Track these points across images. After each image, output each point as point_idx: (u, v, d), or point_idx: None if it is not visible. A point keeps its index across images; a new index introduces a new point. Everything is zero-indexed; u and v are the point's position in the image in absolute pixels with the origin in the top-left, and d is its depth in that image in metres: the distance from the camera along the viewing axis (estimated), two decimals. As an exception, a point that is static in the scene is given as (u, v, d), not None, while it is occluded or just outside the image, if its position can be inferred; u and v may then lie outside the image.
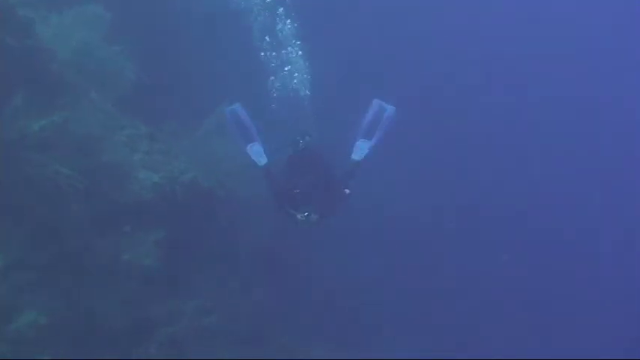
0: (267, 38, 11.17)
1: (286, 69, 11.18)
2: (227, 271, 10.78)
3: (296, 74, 11.33)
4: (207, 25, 12.47)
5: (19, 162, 7.92)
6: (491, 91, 17.08)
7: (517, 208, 17.19)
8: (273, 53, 11.20)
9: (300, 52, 11.42)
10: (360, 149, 9.73)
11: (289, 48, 11.35)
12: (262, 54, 11.27)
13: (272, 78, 11.17)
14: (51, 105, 8.35)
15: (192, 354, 9.22)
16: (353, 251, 13.83)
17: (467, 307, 15.02)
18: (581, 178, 18.05)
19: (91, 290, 8.47)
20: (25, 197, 7.98)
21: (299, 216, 9.11)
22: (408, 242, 14.97)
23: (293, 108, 11.80)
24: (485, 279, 15.61)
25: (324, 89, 11.31)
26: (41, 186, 8.02)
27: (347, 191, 9.68)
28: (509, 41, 17.15)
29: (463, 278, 15.28)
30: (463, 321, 14.79)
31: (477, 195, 16.31)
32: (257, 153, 9.37)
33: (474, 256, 15.70)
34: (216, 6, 12.59)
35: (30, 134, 8.10)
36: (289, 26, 11.29)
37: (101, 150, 8.85)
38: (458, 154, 16.57)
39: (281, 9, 11.23)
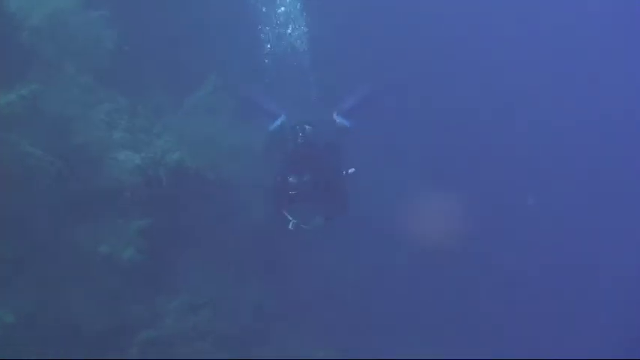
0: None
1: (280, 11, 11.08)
2: (218, 263, 10.58)
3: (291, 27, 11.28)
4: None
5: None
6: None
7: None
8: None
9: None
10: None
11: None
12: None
13: (266, 28, 11.11)
14: (20, 78, 8.14)
15: (178, 357, 9.04)
16: (358, 242, 13.73)
17: (466, 307, 15.08)
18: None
19: (65, 286, 8.35)
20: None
21: (290, 225, 9.61)
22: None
23: (290, 66, 11.78)
24: (485, 279, 15.68)
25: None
26: (8, 168, 7.85)
27: (352, 170, 9.81)
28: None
29: (462, 278, 15.37)
30: (463, 320, 14.84)
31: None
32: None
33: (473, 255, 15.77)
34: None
35: (-3, 110, 7.91)
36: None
37: (76, 128, 8.71)
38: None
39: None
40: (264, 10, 11.39)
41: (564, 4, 17.71)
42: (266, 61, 11.59)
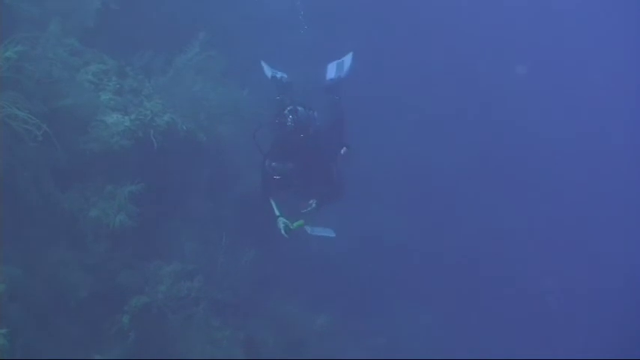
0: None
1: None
2: (212, 228, 10.56)
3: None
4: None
5: (-35, 104, 7.67)
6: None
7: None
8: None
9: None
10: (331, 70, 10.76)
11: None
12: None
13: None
14: (3, 39, 8.02)
15: (171, 324, 9.04)
16: (361, 206, 13.78)
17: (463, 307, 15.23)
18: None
19: (53, 253, 8.27)
20: (-28, 145, 7.74)
21: (281, 225, 9.54)
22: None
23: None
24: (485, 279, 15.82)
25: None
26: (-6, 132, 7.77)
27: (343, 150, 9.67)
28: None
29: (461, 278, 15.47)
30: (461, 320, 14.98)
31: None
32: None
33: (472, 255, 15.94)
34: None
35: (-22, 73, 7.83)
36: None
37: (62, 90, 8.59)
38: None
39: None
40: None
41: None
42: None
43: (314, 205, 9.70)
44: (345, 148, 9.94)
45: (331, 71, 11.06)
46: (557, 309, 16.98)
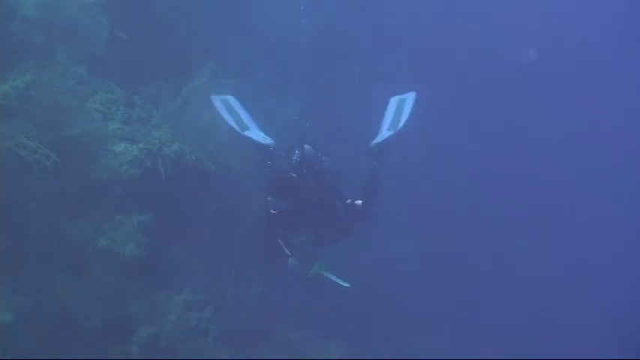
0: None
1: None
2: (221, 258, 10.54)
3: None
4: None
5: (-26, 134, 7.70)
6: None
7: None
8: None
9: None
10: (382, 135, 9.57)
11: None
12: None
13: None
14: (12, 68, 8.08)
15: (180, 354, 9.00)
16: (372, 235, 13.74)
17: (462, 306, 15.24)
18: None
19: (62, 282, 8.26)
20: (-19, 174, 7.76)
21: (290, 260, 9.26)
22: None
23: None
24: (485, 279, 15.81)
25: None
26: (2, 161, 7.78)
27: (358, 202, 9.36)
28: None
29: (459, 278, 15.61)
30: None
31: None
32: (258, 135, 9.29)
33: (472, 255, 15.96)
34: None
35: (-13, 101, 7.87)
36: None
37: (71, 119, 8.61)
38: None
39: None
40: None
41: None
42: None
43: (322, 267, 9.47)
44: (359, 201, 9.48)
45: (385, 125, 9.91)
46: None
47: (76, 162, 8.60)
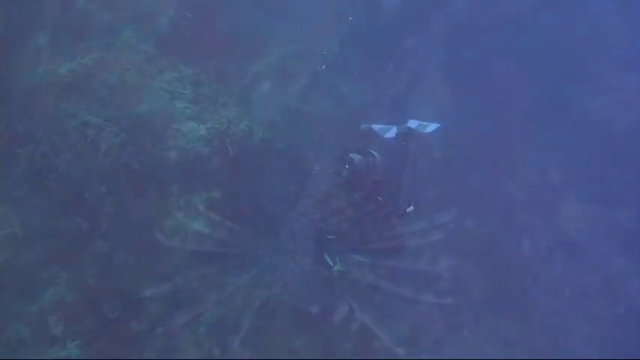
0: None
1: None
2: (290, 237, 10.47)
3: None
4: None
5: (41, 112, 7.77)
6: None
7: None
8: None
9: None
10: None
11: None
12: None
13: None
14: (78, 46, 8.14)
15: (247, 334, 8.98)
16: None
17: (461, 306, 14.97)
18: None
19: (128, 262, 8.31)
20: (49, 153, 7.82)
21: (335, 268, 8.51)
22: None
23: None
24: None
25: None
26: (68, 140, 7.87)
27: (409, 209, 8.76)
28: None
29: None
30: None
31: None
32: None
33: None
34: None
35: (54, 79, 7.92)
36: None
37: (137, 97, 8.64)
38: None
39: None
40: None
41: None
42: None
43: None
44: (410, 208, 8.70)
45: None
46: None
47: (143, 140, 8.63)
